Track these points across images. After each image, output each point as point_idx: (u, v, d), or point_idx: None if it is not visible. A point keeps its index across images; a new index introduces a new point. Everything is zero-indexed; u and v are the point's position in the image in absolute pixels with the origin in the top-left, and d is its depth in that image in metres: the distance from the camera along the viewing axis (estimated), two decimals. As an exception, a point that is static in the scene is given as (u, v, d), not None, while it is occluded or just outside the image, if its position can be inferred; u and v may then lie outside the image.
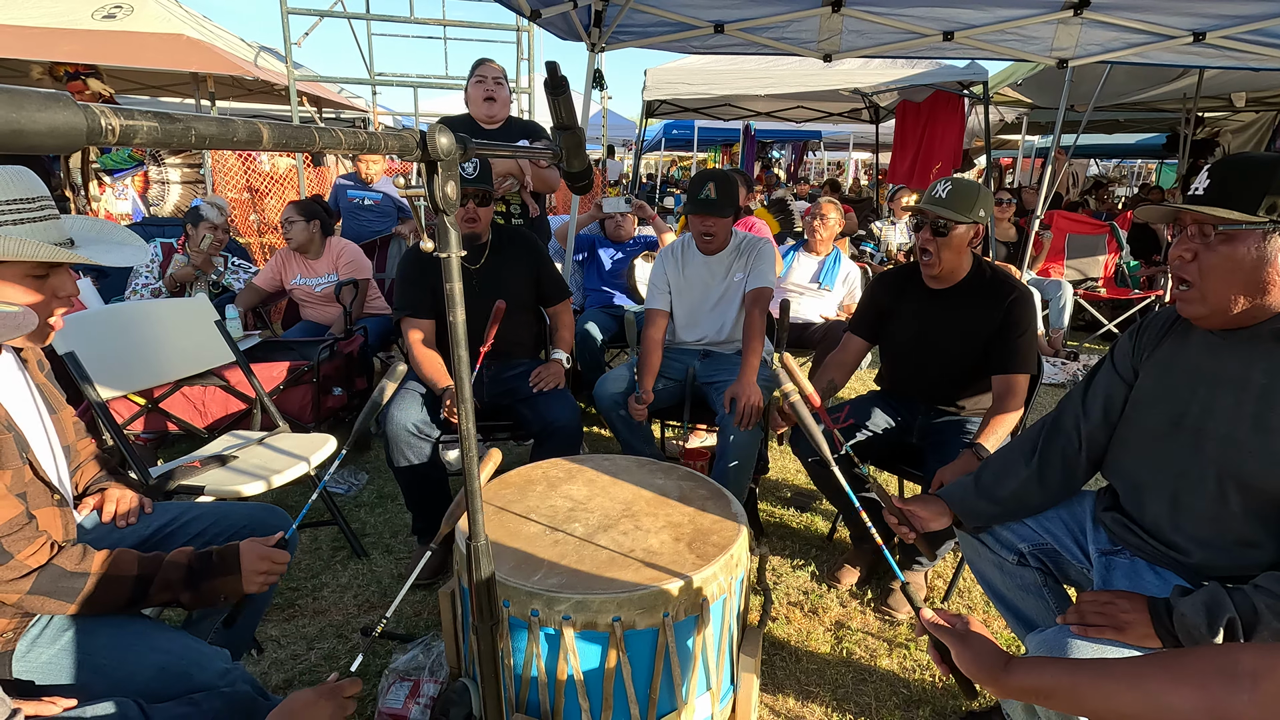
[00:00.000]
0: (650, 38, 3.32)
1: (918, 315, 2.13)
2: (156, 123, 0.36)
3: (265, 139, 0.43)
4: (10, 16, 4.91)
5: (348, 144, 0.51)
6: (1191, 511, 1.20)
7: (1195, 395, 1.21)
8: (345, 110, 8.75)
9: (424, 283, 2.36)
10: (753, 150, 10.88)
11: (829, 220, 3.83)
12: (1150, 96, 7.16)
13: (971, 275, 2.07)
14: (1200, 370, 1.21)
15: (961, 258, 2.04)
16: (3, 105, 0.28)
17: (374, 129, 0.86)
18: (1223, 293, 1.11)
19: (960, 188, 1.97)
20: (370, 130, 0.55)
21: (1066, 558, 1.44)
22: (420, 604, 2.15)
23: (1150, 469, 1.28)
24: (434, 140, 0.61)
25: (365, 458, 3.20)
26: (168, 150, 5.96)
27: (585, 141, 1.16)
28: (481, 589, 0.82)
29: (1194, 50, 3.03)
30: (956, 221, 1.95)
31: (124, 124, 0.34)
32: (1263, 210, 1.06)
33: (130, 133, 0.35)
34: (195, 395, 2.83)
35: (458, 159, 0.65)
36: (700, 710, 1.44)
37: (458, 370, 0.75)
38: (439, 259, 0.67)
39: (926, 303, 2.11)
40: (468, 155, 0.68)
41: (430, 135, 0.60)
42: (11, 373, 1.19)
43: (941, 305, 2.08)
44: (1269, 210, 1.06)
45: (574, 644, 1.30)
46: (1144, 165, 19.27)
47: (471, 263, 2.39)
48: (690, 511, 1.60)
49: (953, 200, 1.95)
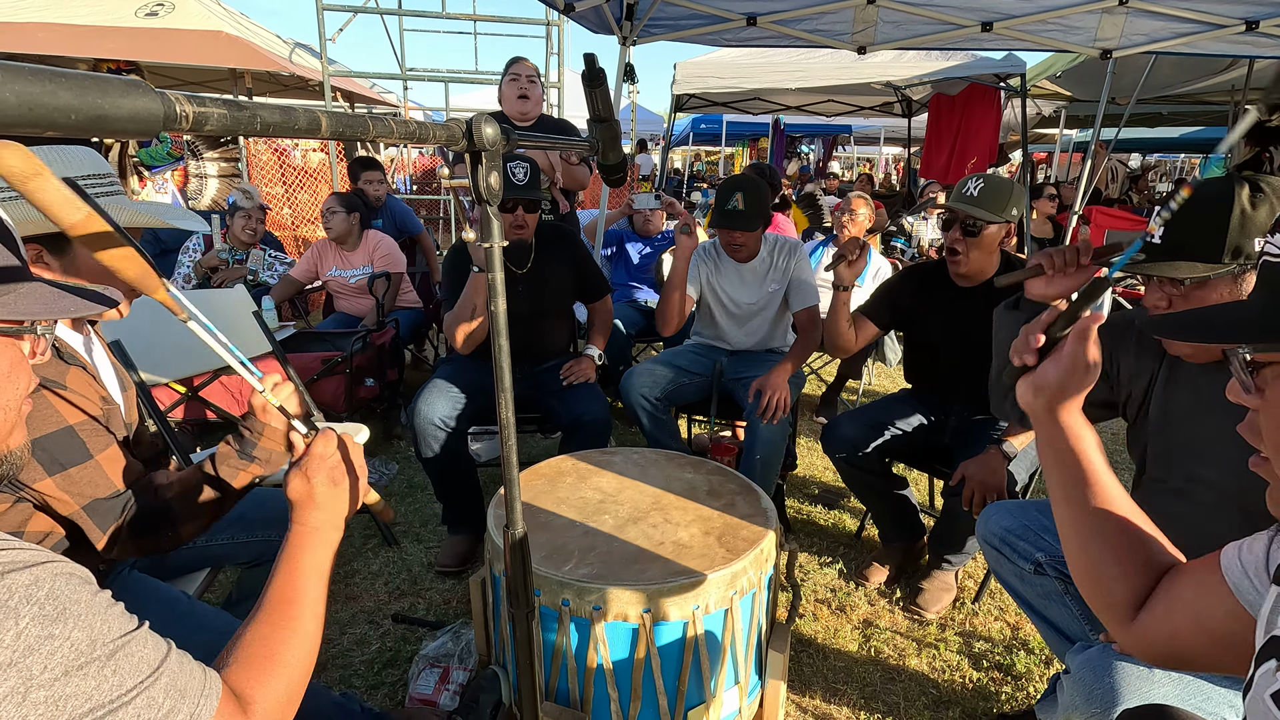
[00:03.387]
0: (682, 30, 3.30)
1: (946, 314, 2.09)
2: (225, 110, 0.37)
3: (324, 127, 0.44)
4: (58, 15, 5.07)
5: (399, 133, 0.52)
6: (1218, 523, 1.17)
7: (1201, 434, 1.19)
8: (377, 105, 8.86)
9: (465, 275, 2.37)
10: (782, 145, 10.78)
11: (859, 217, 3.78)
12: (1196, 89, 6.94)
13: (1000, 271, 2.02)
14: (1200, 402, 1.20)
15: (991, 257, 1.99)
16: (90, 91, 0.29)
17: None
18: None
19: (992, 185, 1.92)
20: (420, 120, 0.56)
21: None
22: (449, 592, 2.18)
23: (1177, 471, 1.25)
24: (479, 130, 0.61)
25: (395, 448, 3.25)
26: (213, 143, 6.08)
27: (621, 134, 1.16)
28: (518, 577, 0.83)
29: (1246, 40, 2.92)
30: (988, 221, 1.91)
31: (196, 110, 0.35)
32: (1228, 256, 1.05)
33: (202, 119, 0.36)
34: (233, 384, 2.90)
35: (501, 149, 0.66)
36: (728, 704, 1.44)
37: (497, 359, 0.76)
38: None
39: (955, 301, 2.06)
40: (511, 145, 0.68)
41: (476, 125, 0.61)
42: (99, 351, 1.25)
43: (970, 304, 2.03)
44: (1234, 254, 1.05)
45: (604, 634, 1.31)
46: (1187, 160, 18.70)
47: (519, 266, 2.38)
48: (720, 506, 1.60)
49: (985, 198, 1.90)
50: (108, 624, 0.58)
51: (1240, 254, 1.05)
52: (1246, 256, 1.05)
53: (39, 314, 0.65)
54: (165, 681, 0.60)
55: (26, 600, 0.52)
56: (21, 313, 0.64)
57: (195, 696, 0.62)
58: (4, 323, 0.64)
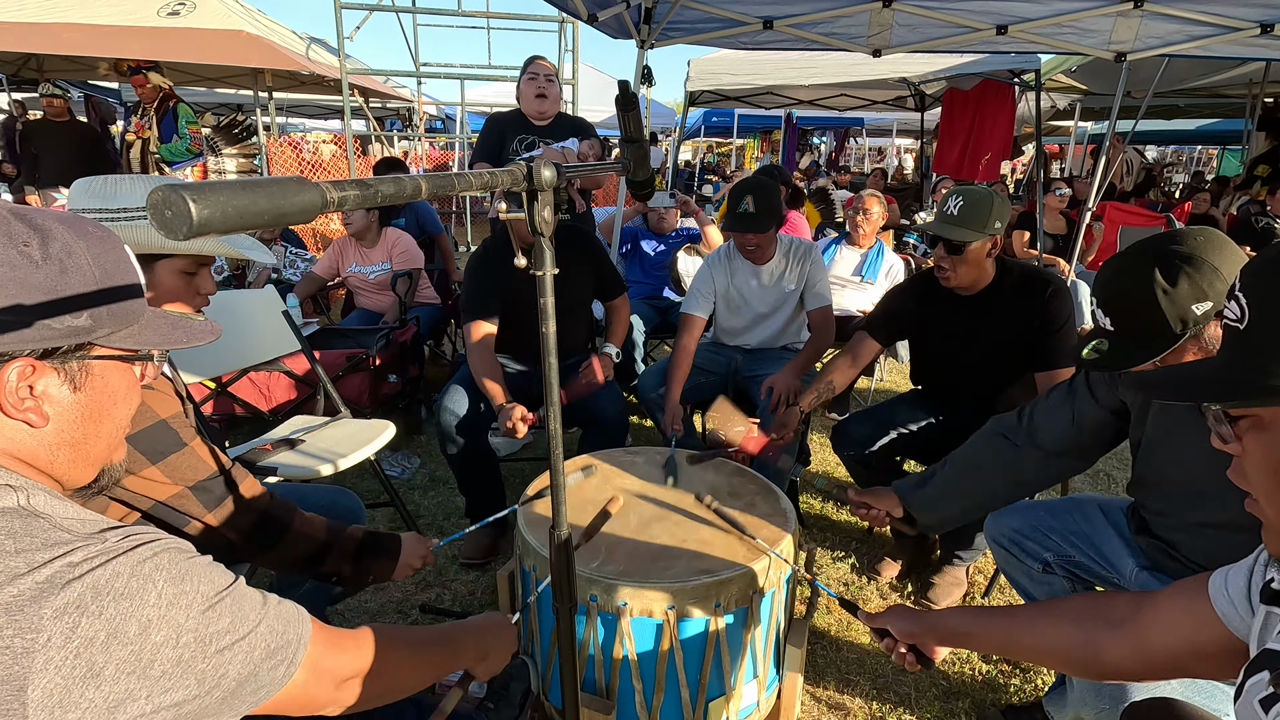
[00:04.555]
0: (699, 34, 3.34)
1: (950, 323, 2.10)
2: (358, 190, 0.44)
3: (424, 190, 0.51)
4: (81, 15, 5.15)
5: (477, 185, 0.59)
6: (1231, 547, 1.21)
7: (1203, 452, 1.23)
8: (391, 100, 8.93)
9: (487, 285, 2.42)
10: (794, 139, 10.77)
11: (872, 214, 3.81)
12: (1213, 82, 6.90)
13: (998, 278, 2.03)
14: (1197, 428, 1.22)
15: (981, 269, 2.00)
16: (275, 196, 0.36)
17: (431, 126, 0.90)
18: None
19: (972, 201, 1.92)
20: (491, 170, 0.62)
21: (1093, 568, 1.48)
22: (474, 584, 2.26)
23: (1181, 510, 1.28)
24: (539, 174, 0.68)
25: (417, 442, 3.33)
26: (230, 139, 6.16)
27: (650, 153, 1.22)
28: (562, 573, 0.89)
29: (1261, 43, 2.93)
30: (968, 242, 1.92)
31: (339, 194, 0.42)
32: (1178, 326, 1.09)
33: (344, 200, 0.43)
34: (261, 380, 2.99)
35: (554, 187, 0.72)
36: (747, 697, 1.51)
37: (546, 376, 0.82)
38: (499, 262, 0.73)
39: (958, 309, 2.08)
40: (564, 181, 0.74)
41: (536, 169, 0.67)
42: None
43: (973, 310, 2.05)
44: (1182, 323, 1.09)
45: (630, 628, 1.38)
46: (1204, 151, 18.50)
47: None
48: (740, 506, 1.66)
49: (965, 216, 1.91)
50: (220, 576, 0.68)
51: (1188, 321, 1.08)
52: (1195, 322, 1.08)
53: (158, 345, 0.74)
54: (273, 611, 0.72)
55: (157, 568, 0.62)
56: (144, 343, 0.73)
57: (296, 621, 0.74)
58: (128, 351, 0.73)
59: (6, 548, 0.57)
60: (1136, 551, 1.41)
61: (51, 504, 0.64)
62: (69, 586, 0.57)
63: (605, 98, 10.85)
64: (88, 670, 0.56)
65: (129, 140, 5.70)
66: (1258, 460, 0.61)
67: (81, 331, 0.67)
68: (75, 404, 0.69)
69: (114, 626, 0.57)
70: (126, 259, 0.73)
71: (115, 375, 0.73)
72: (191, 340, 0.76)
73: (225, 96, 9.25)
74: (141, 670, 0.58)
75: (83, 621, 0.56)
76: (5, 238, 0.63)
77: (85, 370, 0.69)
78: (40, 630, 0.54)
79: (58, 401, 0.68)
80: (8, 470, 0.64)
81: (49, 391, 0.67)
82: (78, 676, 0.55)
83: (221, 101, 9.64)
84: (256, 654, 0.68)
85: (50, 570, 0.57)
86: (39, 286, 0.64)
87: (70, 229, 0.68)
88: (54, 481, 0.71)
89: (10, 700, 0.53)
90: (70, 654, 0.55)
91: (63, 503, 0.65)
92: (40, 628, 0.55)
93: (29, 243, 0.64)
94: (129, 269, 0.73)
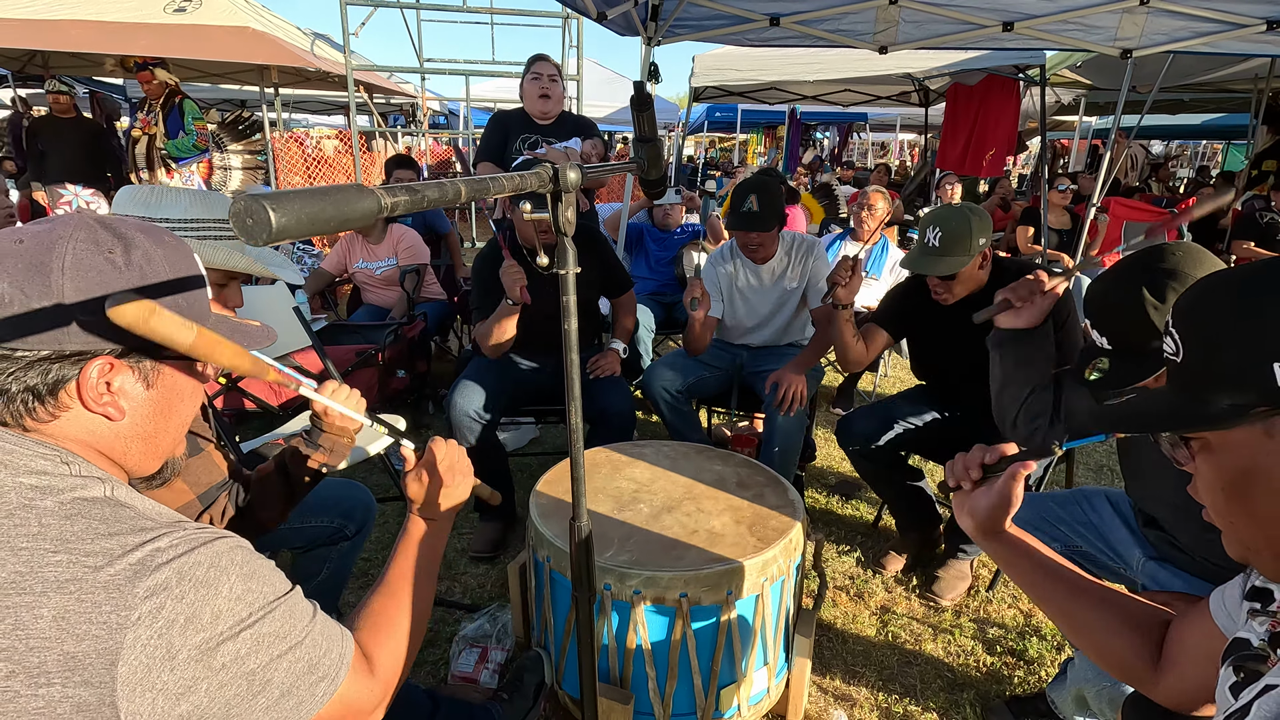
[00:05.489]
0: (706, 31, 3.35)
1: (948, 322, 2.10)
2: (408, 195, 0.47)
3: (463, 194, 0.54)
4: (88, 12, 5.17)
5: (509, 188, 0.61)
6: None
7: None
8: (395, 95, 8.93)
9: (493, 283, 2.44)
10: (798, 134, 10.76)
11: (877, 210, 3.83)
12: (1219, 77, 6.88)
13: (994, 279, 2.03)
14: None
15: (975, 277, 2.02)
16: (340, 203, 0.39)
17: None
18: None
19: (950, 231, 1.94)
20: (521, 174, 0.64)
21: (1102, 559, 1.50)
22: (483, 576, 2.29)
23: (1181, 513, 1.30)
24: (564, 176, 0.70)
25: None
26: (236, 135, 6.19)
27: (664, 152, 1.24)
28: (581, 563, 0.92)
29: (1267, 39, 2.93)
30: (955, 272, 1.95)
31: (393, 200, 0.45)
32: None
33: (395, 206, 0.46)
34: (272, 375, 3.01)
35: (578, 188, 0.75)
36: (757, 684, 1.54)
37: (568, 373, 0.85)
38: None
39: (955, 309, 2.07)
40: (587, 180, 0.77)
41: (563, 172, 0.70)
42: None
43: (970, 310, 2.07)
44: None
45: (643, 617, 1.41)
46: (1209, 145, 18.43)
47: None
48: (749, 496, 1.69)
49: (946, 246, 1.94)
50: (279, 580, 0.72)
51: None
52: None
53: None
54: (319, 627, 0.74)
55: (232, 562, 0.66)
56: None
57: (339, 641, 0.76)
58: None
59: (101, 531, 0.61)
60: (1144, 543, 1.44)
61: (133, 496, 0.68)
62: (159, 570, 0.61)
63: (610, 93, 10.85)
64: (166, 652, 0.59)
65: (135, 136, 5.72)
66: (1208, 478, 0.66)
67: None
68: (148, 400, 0.74)
69: (193, 611, 0.61)
70: (195, 266, 0.78)
71: (183, 375, 0.77)
72: (251, 344, 0.80)
73: (230, 92, 9.27)
74: (206, 660, 0.61)
75: (168, 603, 0.60)
76: (93, 245, 0.68)
77: (157, 369, 0.74)
78: (133, 608, 0.59)
79: (133, 397, 0.72)
80: (91, 464, 0.68)
81: (125, 388, 0.71)
82: (159, 657, 0.59)
83: (226, 97, 9.66)
84: (300, 666, 0.70)
85: (142, 554, 0.61)
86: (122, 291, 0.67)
87: (149, 238, 0.73)
88: (124, 472, 0.75)
89: (103, 673, 0.57)
90: (155, 633, 0.59)
91: (140, 496, 0.69)
92: (134, 605, 0.59)
93: (113, 250, 0.69)
94: (197, 276, 0.78)
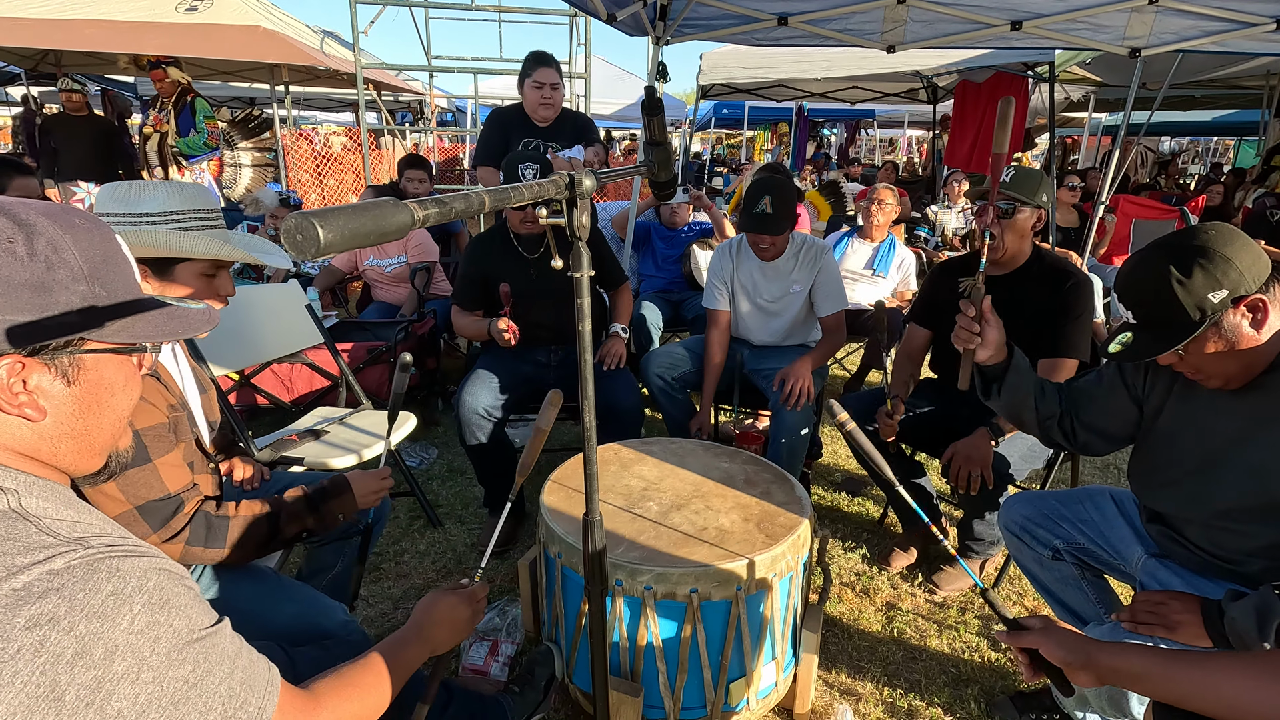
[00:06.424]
0: (714, 30, 3.36)
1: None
2: (438, 207, 0.49)
3: (487, 204, 0.56)
4: (101, 11, 5.22)
5: (529, 196, 0.64)
6: (1240, 534, 1.24)
7: (1221, 433, 1.25)
8: (402, 93, 8.97)
9: (476, 276, 2.48)
10: (805, 132, 10.74)
11: (886, 207, 3.83)
12: (1230, 73, 6.84)
13: (1030, 261, 2.11)
14: (1218, 409, 1.26)
15: (1023, 243, 2.09)
16: (377, 218, 0.41)
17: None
18: (1222, 372, 1.19)
19: (1023, 173, 2.04)
20: (540, 181, 0.67)
21: (1102, 556, 1.52)
22: (492, 571, 2.32)
23: (1188, 502, 1.32)
24: (580, 184, 0.73)
25: (434, 433, 3.39)
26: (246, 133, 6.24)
27: (674, 155, 1.26)
28: (594, 559, 0.95)
29: (1276, 38, 2.92)
30: (1021, 203, 2.01)
31: (425, 212, 0.47)
32: (1195, 314, 1.12)
33: (426, 219, 0.48)
34: (283, 372, 3.06)
35: (592, 195, 0.77)
36: (765, 678, 1.57)
37: (582, 372, 0.87)
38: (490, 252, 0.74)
39: (988, 291, 2.12)
40: (599, 186, 0.79)
41: (578, 180, 0.72)
42: (179, 357, 1.38)
43: (999, 291, 2.09)
44: (1199, 311, 1.11)
45: (654, 612, 1.43)
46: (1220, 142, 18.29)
47: (531, 252, 2.47)
48: (757, 494, 1.71)
49: (1016, 184, 2.02)
50: (200, 615, 0.66)
51: (1205, 310, 1.11)
52: (1213, 310, 1.11)
53: (152, 337, 0.72)
54: (241, 675, 0.68)
55: (139, 590, 0.60)
56: (137, 335, 0.71)
57: (261, 691, 0.71)
58: (124, 344, 0.71)
59: None
60: (1146, 540, 1.45)
61: (44, 505, 0.62)
62: (45, 598, 0.54)
63: (616, 90, 10.85)
64: (50, 691, 0.53)
65: (147, 134, 5.78)
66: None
67: (69, 328, 0.65)
68: (71, 397, 0.68)
69: (82, 646, 0.55)
70: (117, 250, 0.71)
71: (110, 367, 0.71)
72: (188, 331, 0.74)
73: (240, 90, 9.33)
74: (99, 704, 0.55)
75: (53, 636, 0.54)
76: None
77: (77, 364, 0.67)
78: (10, 640, 0.52)
79: (52, 396, 0.66)
80: (5, 469, 0.63)
81: (43, 386, 0.65)
82: (40, 696, 0.53)
83: (236, 95, 9.72)
84: (211, 716, 0.64)
85: (28, 578, 0.55)
86: (25, 284, 0.62)
87: (56, 223, 0.65)
88: (60, 473, 0.70)
89: None
90: (37, 670, 0.53)
91: (57, 503, 0.64)
92: (11, 638, 0.52)
93: (13, 239, 0.62)
94: (120, 262, 0.71)
